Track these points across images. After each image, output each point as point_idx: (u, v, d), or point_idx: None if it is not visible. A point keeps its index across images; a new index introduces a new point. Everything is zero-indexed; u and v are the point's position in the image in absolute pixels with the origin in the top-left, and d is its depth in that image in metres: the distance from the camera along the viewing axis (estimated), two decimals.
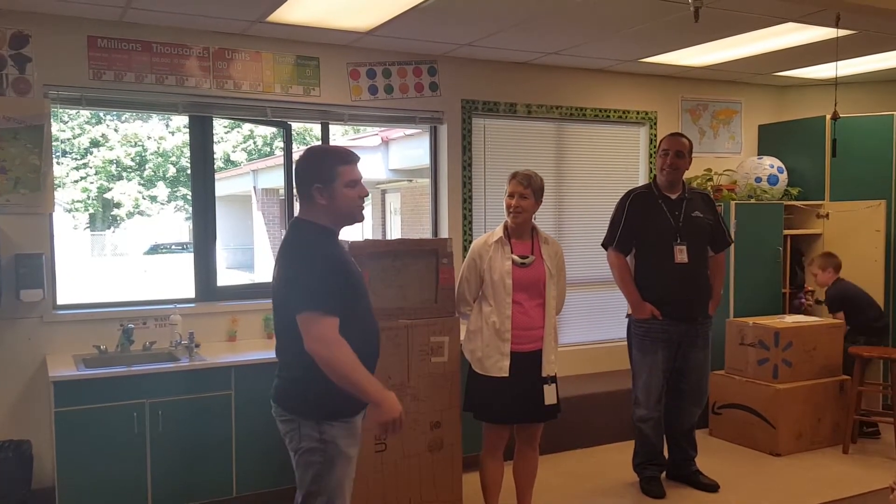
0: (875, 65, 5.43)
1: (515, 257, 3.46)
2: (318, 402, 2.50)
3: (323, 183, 2.50)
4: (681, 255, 4.04)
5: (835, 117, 4.18)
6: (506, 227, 3.55)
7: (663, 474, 4.32)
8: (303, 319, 2.40)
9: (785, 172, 5.75)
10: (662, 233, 4.07)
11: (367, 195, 2.64)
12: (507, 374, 3.42)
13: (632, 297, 4.13)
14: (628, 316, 4.25)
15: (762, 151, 6.12)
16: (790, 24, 4.30)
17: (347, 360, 2.41)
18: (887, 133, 5.54)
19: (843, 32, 4.36)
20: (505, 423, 3.54)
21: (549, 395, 3.47)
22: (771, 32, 4.48)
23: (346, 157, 2.56)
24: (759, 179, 5.68)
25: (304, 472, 2.55)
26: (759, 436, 4.89)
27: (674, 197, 4.13)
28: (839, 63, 4.94)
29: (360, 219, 2.62)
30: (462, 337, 3.66)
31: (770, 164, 5.72)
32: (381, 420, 2.50)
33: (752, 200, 5.62)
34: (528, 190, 3.45)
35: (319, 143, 5.01)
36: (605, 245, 4.25)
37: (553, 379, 3.50)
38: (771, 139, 6.10)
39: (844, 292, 5.20)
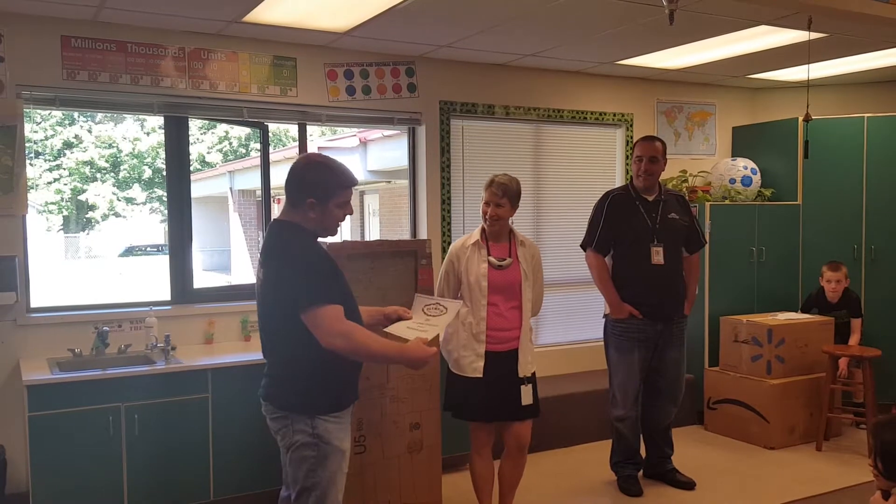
0: (846, 67, 5.52)
1: (493, 259, 3.49)
2: (309, 398, 2.56)
3: (318, 199, 2.56)
4: (657, 256, 4.08)
5: (807, 119, 4.24)
6: (483, 230, 3.57)
7: (640, 473, 4.36)
8: (310, 316, 2.45)
9: (758, 174, 5.82)
10: (639, 234, 4.11)
11: (352, 214, 2.71)
12: (481, 375, 3.45)
13: (611, 297, 4.16)
14: (605, 316, 4.29)
15: (736, 153, 6.19)
16: (763, 27, 4.35)
17: (366, 341, 2.53)
18: (858, 134, 5.64)
19: (814, 36, 4.42)
20: (483, 421, 3.56)
21: (526, 396, 3.49)
22: (744, 35, 4.54)
23: (349, 181, 2.63)
24: (733, 181, 5.74)
25: (297, 467, 2.59)
26: (753, 430, 5.02)
27: (651, 199, 4.17)
28: (811, 66, 5.02)
29: (335, 234, 2.72)
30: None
31: (744, 166, 5.79)
32: (418, 370, 2.73)
33: (727, 201, 5.68)
34: (503, 199, 3.48)
35: (302, 149, 4.99)
36: (583, 246, 4.28)
37: (530, 379, 3.52)
38: (744, 141, 6.18)
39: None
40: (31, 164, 19.02)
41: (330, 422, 2.57)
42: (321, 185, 2.57)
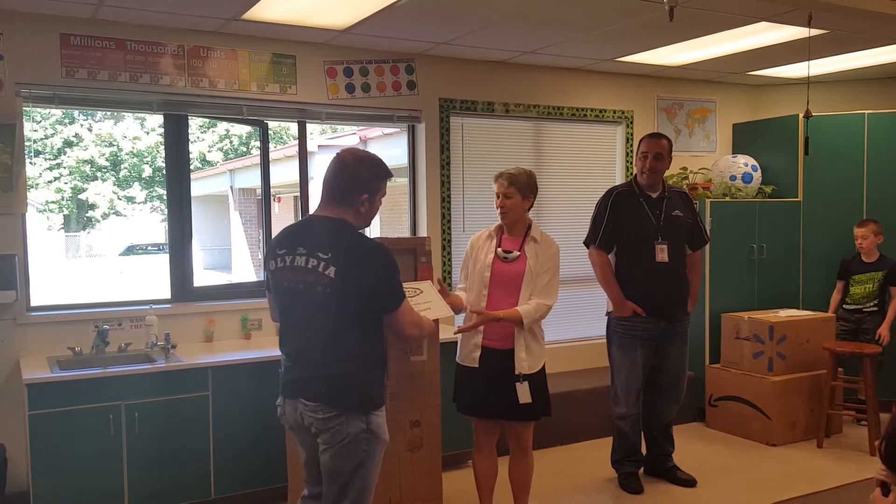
0: (847, 64, 5.51)
1: (500, 251, 3.47)
2: (367, 395, 2.62)
3: (370, 194, 2.63)
4: (661, 253, 4.06)
5: (807, 116, 4.23)
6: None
7: (641, 470, 4.35)
8: (399, 312, 2.60)
9: (759, 170, 5.81)
10: (644, 231, 4.09)
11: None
12: (477, 366, 3.42)
13: (614, 295, 4.14)
14: (608, 314, 4.27)
15: (736, 150, 6.18)
16: (763, 24, 4.34)
17: (429, 324, 2.83)
18: (859, 131, 5.63)
19: (815, 32, 4.42)
20: (478, 416, 3.54)
21: (523, 394, 3.38)
22: (744, 32, 4.53)
23: (388, 173, 2.70)
24: (733, 177, 5.74)
25: (344, 460, 2.58)
26: (754, 426, 5.03)
27: (654, 196, 4.15)
28: (811, 62, 5.01)
29: (369, 226, 2.81)
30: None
31: (744, 163, 5.78)
32: None
33: (727, 198, 5.68)
34: (511, 188, 3.43)
35: (302, 147, 4.99)
36: (587, 243, 4.25)
37: (527, 377, 3.38)
38: (745, 138, 6.17)
39: None
40: (31, 163, 19.03)
41: (379, 415, 2.65)
42: (373, 180, 2.64)
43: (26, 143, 4.01)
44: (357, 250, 2.57)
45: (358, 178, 2.61)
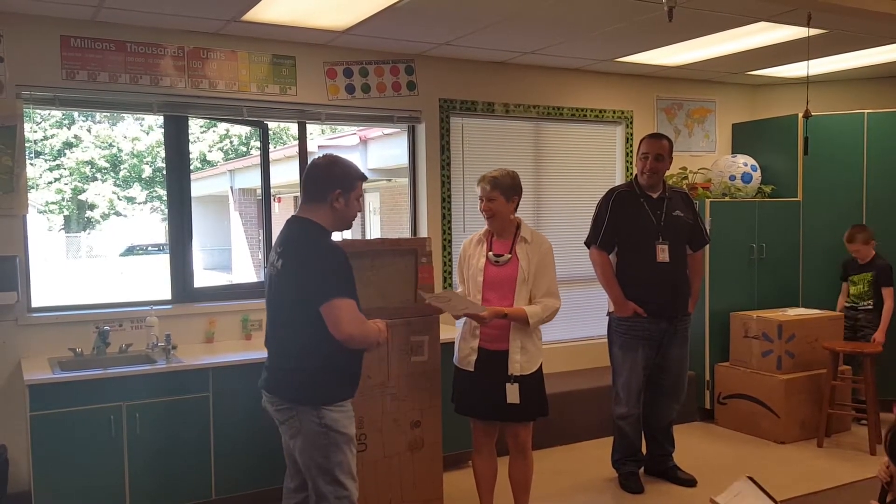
0: (846, 63, 5.51)
1: (491, 255, 3.48)
2: (316, 390, 2.69)
3: (344, 190, 2.77)
4: (662, 254, 4.07)
5: (807, 115, 4.23)
6: None
7: (641, 470, 4.36)
8: (331, 307, 2.60)
9: (759, 170, 5.81)
10: (645, 232, 4.10)
11: (361, 210, 2.96)
12: (472, 369, 3.43)
13: (615, 295, 4.15)
14: (609, 314, 4.28)
15: (736, 150, 6.19)
16: (762, 24, 4.35)
17: (368, 328, 2.72)
18: (858, 131, 5.63)
19: (814, 31, 4.42)
20: (474, 417, 3.55)
21: (511, 394, 3.37)
22: (743, 32, 4.54)
23: (362, 175, 2.89)
24: (733, 177, 5.74)
25: (309, 455, 2.70)
26: (764, 425, 5.06)
27: (655, 196, 4.16)
28: (811, 62, 5.02)
29: (351, 227, 2.93)
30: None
31: (744, 163, 5.78)
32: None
33: (727, 198, 5.68)
34: (494, 191, 3.41)
35: (303, 148, 4.99)
36: (588, 243, 4.26)
37: (517, 378, 3.37)
38: (744, 137, 6.18)
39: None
40: (31, 164, 19.04)
41: (335, 411, 2.71)
42: (346, 177, 2.79)
43: (26, 145, 4.02)
44: (301, 244, 2.71)
45: (330, 175, 2.78)
